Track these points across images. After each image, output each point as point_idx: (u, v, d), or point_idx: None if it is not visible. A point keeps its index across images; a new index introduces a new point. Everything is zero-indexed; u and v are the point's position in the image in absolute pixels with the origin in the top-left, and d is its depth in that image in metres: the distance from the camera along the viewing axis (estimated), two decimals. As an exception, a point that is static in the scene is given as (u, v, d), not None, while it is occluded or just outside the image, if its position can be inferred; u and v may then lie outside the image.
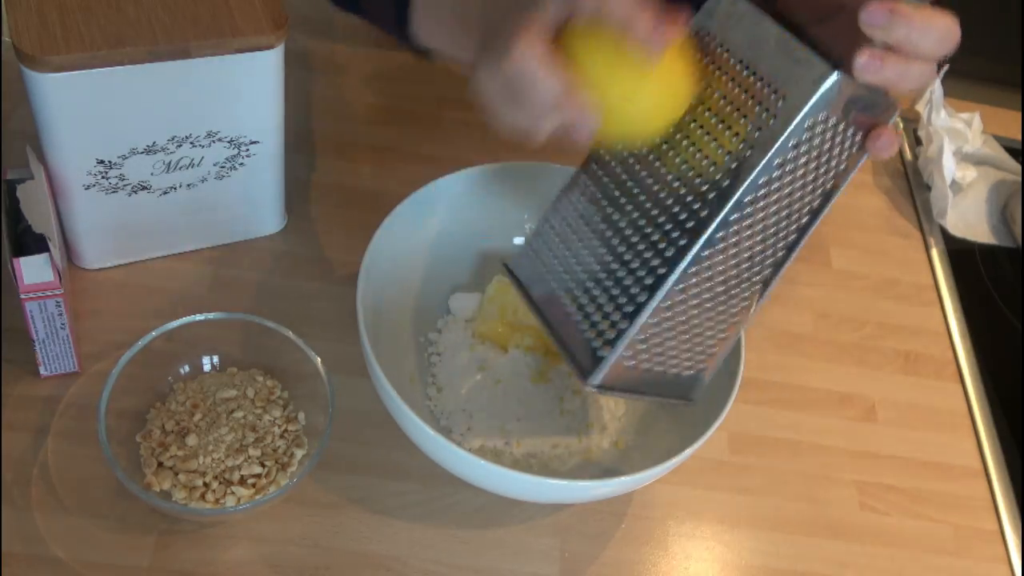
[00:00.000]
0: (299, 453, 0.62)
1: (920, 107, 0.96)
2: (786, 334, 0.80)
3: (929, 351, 0.81)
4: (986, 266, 0.89)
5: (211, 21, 0.61)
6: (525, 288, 0.59)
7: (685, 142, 0.52)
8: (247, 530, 0.60)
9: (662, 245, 0.51)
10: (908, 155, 0.97)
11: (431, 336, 0.70)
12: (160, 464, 0.60)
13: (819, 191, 0.52)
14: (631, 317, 0.52)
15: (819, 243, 0.87)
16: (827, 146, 0.50)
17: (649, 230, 0.53)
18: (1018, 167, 0.97)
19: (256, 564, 0.59)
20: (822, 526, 0.69)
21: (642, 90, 0.49)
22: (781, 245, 0.53)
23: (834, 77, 0.47)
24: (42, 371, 0.63)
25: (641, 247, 0.53)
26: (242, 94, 0.64)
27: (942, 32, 0.47)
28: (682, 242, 0.51)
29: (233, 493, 0.59)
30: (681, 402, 0.58)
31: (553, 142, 0.51)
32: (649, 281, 0.51)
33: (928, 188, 0.93)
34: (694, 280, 0.52)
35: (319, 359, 0.62)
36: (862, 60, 0.46)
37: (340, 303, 0.71)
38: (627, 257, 0.53)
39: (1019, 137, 1.01)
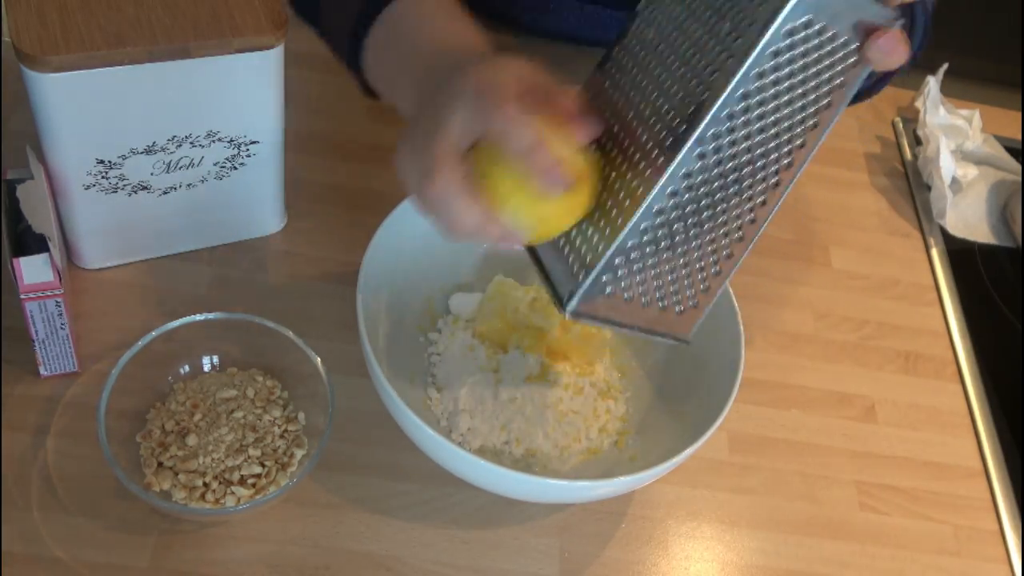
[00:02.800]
0: (299, 453, 0.62)
1: (919, 104, 0.96)
2: (786, 334, 0.80)
3: (929, 351, 0.81)
4: (986, 266, 0.89)
5: (211, 21, 0.61)
6: None
7: (671, 58, 0.49)
8: (247, 530, 0.60)
9: (640, 164, 0.49)
10: (908, 155, 0.97)
11: (431, 336, 0.70)
12: (160, 464, 0.60)
13: (812, 109, 0.49)
14: (609, 239, 0.49)
15: (819, 243, 0.87)
16: (815, 57, 0.47)
17: (629, 149, 0.50)
18: (1018, 167, 0.97)
19: (256, 564, 0.59)
20: (822, 526, 0.69)
21: (551, 202, 0.49)
22: (774, 169, 0.50)
23: None
24: (42, 371, 0.63)
25: (621, 168, 0.50)
26: (242, 94, 0.64)
27: None
28: (659, 160, 0.48)
29: (233, 493, 0.59)
30: (674, 341, 0.55)
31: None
32: (627, 203, 0.49)
33: (928, 188, 0.93)
34: (675, 201, 0.49)
35: (319, 359, 0.62)
36: None
37: (340, 303, 0.71)
38: (606, 184, 0.51)
39: (1019, 137, 1.01)
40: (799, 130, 0.49)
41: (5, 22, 0.58)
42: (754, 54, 0.45)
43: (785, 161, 0.50)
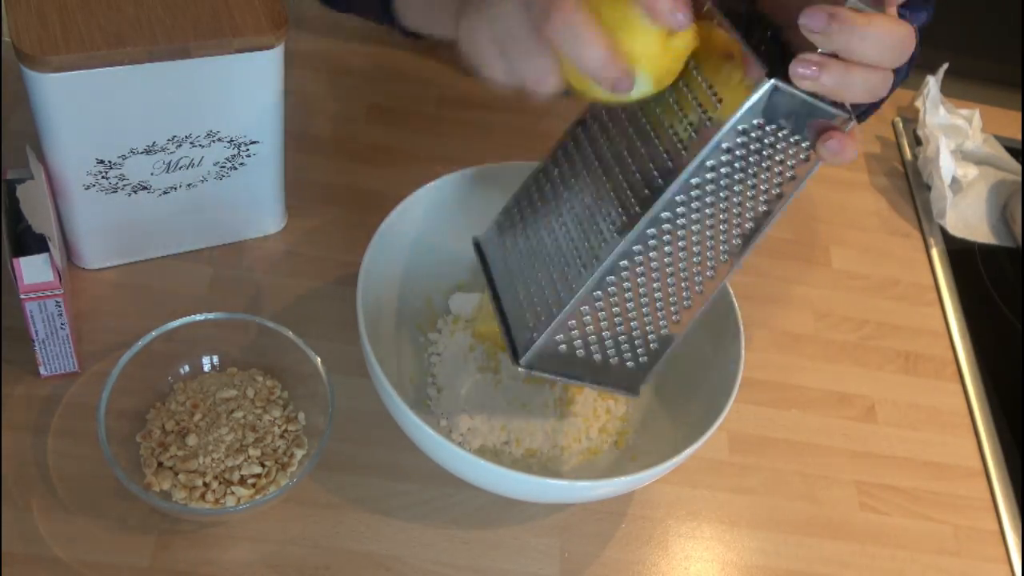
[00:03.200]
0: (299, 453, 0.62)
1: (919, 104, 0.96)
2: (786, 334, 0.80)
3: (929, 351, 0.81)
4: (986, 266, 0.89)
5: (211, 21, 0.61)
6: (488, 267, 0.60)
7: (635, 136, 0.52)
8: (247, 530, 0.60)
9: (597, 238, 0.52)
10: (908, 155, 0.97)
11: (431, 336, 0.70)
12: (160, 464, 0.60)
13: (763, 197, 0.51)
14: (560, 304, 0.53)
15: (819, 243, 0.87)
16: (769, 151, 0.49)
17: (589, 223, 0.53)
18: (1018, 167, 0.97)
19: (256, 564, 0.59)
20: (822, 526, 0.69)
21: (671, 40, 0.48)
22: (723, 249, 0.53)
23: (766, 86, 0.46)
24: (42, 371, 0.63)
25: (581, 238, 0.53)
26: (242, 94, 0.64)
27: (889, 41, 0.45)
28: (613, 236, 0.51)
29: (233, 493, 0.59)
30: (624, 393, 0.59)
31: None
32: (583, 269, 0.53)
33: (928, 188, 0.93)
34: (626, 274, 0.52)
35: (319, 359, 0.62)
36: (798, 68, 0.45)
37: (340, 303, 0.71)
38: (568, 246, 0.54)
39: (1019, 137, 1.01)
40: (749, 215, 0.52)
41: (5, 22, 0.58)
42: (706, 149, 0.48)
43: (735, 242, 0.53)
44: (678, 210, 0.50)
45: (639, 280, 0.53)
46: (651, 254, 0.52)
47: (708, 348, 0.65)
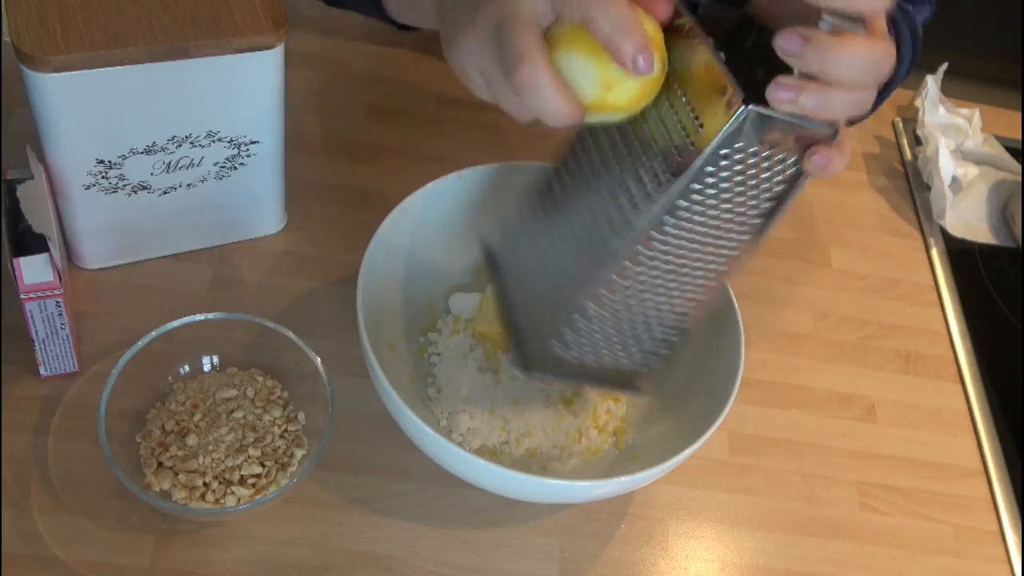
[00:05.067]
0: (299, 453, 0.62)
1: (918, 104, 0.96)
2: (786, 334, 0.80)
3: (929, 351, 0.81)
4: (986, 266, 0.89)
5: (211, 21, 0.61)
6: (496, 269, 0.61)
7: (628, 159, 0.52)
8: (247, 530, 0.60)
9: (597, 252, 0.53)
10: (907, 155, 0.97)
11: (431, 336, 0.70)
12: (160, 464, 0.60)
13: (755, 212, 0.52)
14: (567, 315, 0.54)
15: (819, 243, 0.87)
16: (755, 171, 0.49)
17: (588, 238, 0.54)
18: (1018, 167, 0.97)
19: (256, 564, 0.59)
20: (822, 526, 0.69)
21: (635, 82, 0.48)
22: (723, 261, 0.54)
23: (742, 110, 0.46)
24: (42, 371, 0.63)
25: (581, 252, 0.54)
26: (242, 94, 0.64)
27: (865, 62, 0.45)
28: (612, 249, 0.52)
29: (233, 493, 0.59)
30: (629, 392, 0.61)
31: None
32: (588, 282, 0.53)
33: (928, 188, 0.93)
34: (625, 288, 0.53)
35: (319, 359, 0.62)
36: (775, 92, 0.45)
37: (340, 303, 0.71)
38: (571, 257, 0.55)
39: (1019, 137, 1.01)
40: (743, 229, 0.52)
41: (5, 22, 0.58)
42: (691, 172, 0.48)
43: (725, 254, 0.54)
44: (669, 231, 0.51)
45: (639, 295, 0.54)
46: (647, 268, 0.53)
47: (708, 348, 0.65)
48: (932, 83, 0.95)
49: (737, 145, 0.47)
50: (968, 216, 0.93)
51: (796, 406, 0.75)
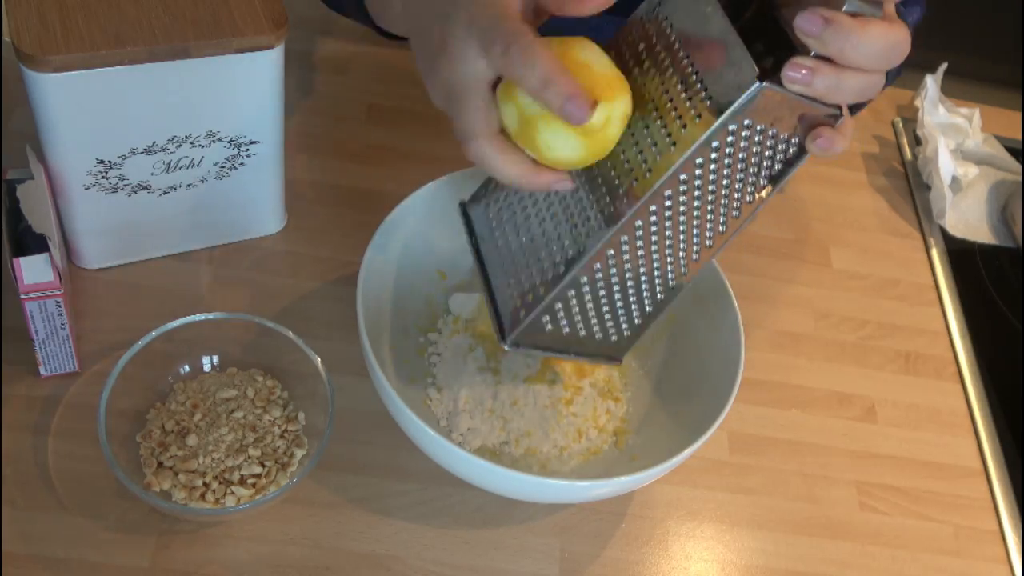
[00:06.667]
0: (299, 453, 0.62)
1: (918, 103, 0.96)
2: (786, 334, 0.80)
3: (929, 351, 0.81)
4: (986, 266, 0.89)
5: (211, 21, 0.61)
6: (475, 237, 0.60)
7: (638, 121, 0.52)
8: (247, 530, 0.60)
9: (585, 224, 0.53)
10: (907, 155, 0.97)
11: (431, 336, 0.70)
12: (160, 464, 0.60)
13: (750, 191, 0.52)
14: (550, 286, 0.54)
15: (819, 243, 0.87)
16: (757, 148, 0.49)
17: (579, 206, 0.54)
18: (1018, 167, 0.97)
19: (256, 564, 0.59)
20: (822, 526, 0.69)
21: (587, 127, 0.49)
22: (709, 237, 0.54)
23: (754, 88, 0.46)
24: (42, 371, 0.63)
25: (571, 221, 0.54)
26: (242, 94, 0.64)
27: (884, 46, 0.45)
28: (601, 225, 0.52)
29: (233, 493, 0.59)
30: (606, 362, 0.61)
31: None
32: (571, 254, 0.53)
33: (928, 188, 0.93)
34: (612, 261, 0.53)
35: (319, 359, 0.62)
36: (790, 73, 0.45)
37: (340, 303, 0.71)
38: (557, 229, 0.55)
39: (1019, 137, 1.01)
40: (734, 206, 0.53)
41: (5, 22, 0.58)
42: (696, 145, 0.48)
43: (721, 229, 0.54)
44: (666, 203, 0.51)
45: (625, 266, 0.54)
46: (637, 243, 0.53)
47: (708, 348, 0.65)
48: (932, 83, 0.95)
49: (746, 121, 0.47)
50: (968, 216, 0.93)
51: (796, 406, 0.75)
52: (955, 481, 0.73)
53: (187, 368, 0.64)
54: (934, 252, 0.89)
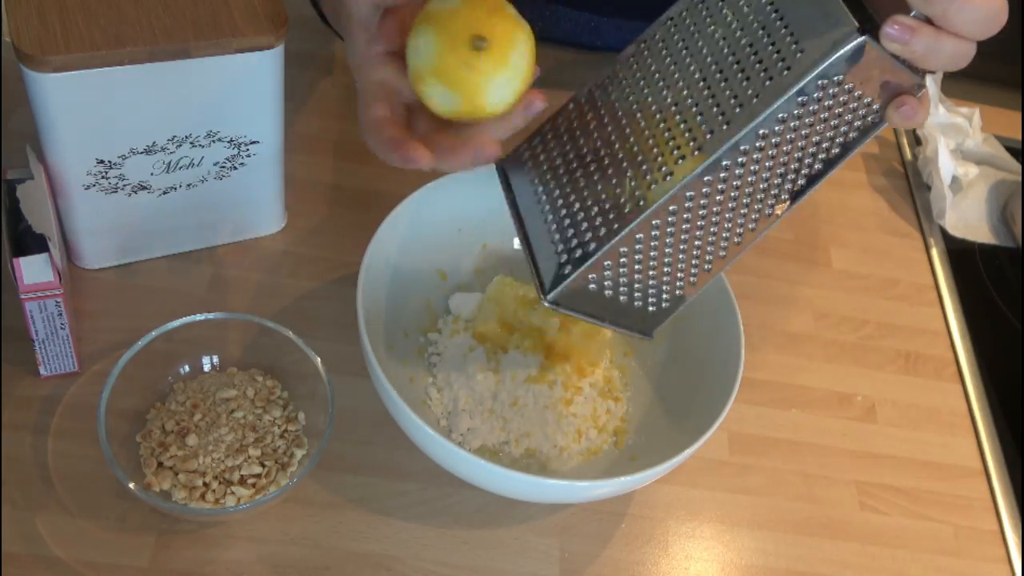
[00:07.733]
0: (299, 453, 0.62)
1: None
2: (786, 334, 0.80)
3: (929, 351, 0.81)
4: (986, 266, 0.89)
5: (211, 21, 0.61)
6: (512, 192, 0.58)
7: (697, 76, 0.50)
8: (247, 530, 0.60)
9: (647, 177, 0.50)
10: (907, 155, 0.97)
11: (431, 336, 0.70)
12: (160, 464, 0.60)
13: (822, 154, 0.50)
14: (601, 241, 0.51)
15: (819, 243, 0.87)
16: (840, 108, 0.48)
17: (635, 162, 0.51)
18: (1018, 167, 0.97)
19: (256, 564, 0.59)
20: (822, 526, 0.69)
21: (478, 75, 0.51)
22: (771, 203, 0.51)
23: (855, 41, 0.44)
24: (42, 371, 0.63)
25: (626, 176, 0.51)
26: (242, 94, 0.64)
27: (985, 12, 0.44)
28: (666, 179, 0.49)
29: (233, 493, 0.59)
30: (639, 336, 0.58)
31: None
32: (626, 210, 0.50)
33: (928, 188, 0.93)
34: (672, 219, 0.50)
35: (319, 359, 0.62)
36: (890, 30, 0.44)
37: (340, 303, 0.71)
38: (609, 183, 0.52)
39: (1019, 137, 1.01)
40: (804, 170, 0.50)
41: (5, 22, 0.58)
42: (782, 99, 0.46)
43: (784, 197, 0.51)
44: (739, 159, 0.48)
45: (684, 226, 0.51)
46: (702, 201, 0.50)
47: (708, 348, 0.65)
48: (932, 83, 0.95)
49: (836, 77, 0.46)
50: (968, 216, 0.93)
51: (796, 406, 0.75)
52: (955, 481, 0.73)
53: (187, 368, 0.64)
54: (934, 252, 0.89)
